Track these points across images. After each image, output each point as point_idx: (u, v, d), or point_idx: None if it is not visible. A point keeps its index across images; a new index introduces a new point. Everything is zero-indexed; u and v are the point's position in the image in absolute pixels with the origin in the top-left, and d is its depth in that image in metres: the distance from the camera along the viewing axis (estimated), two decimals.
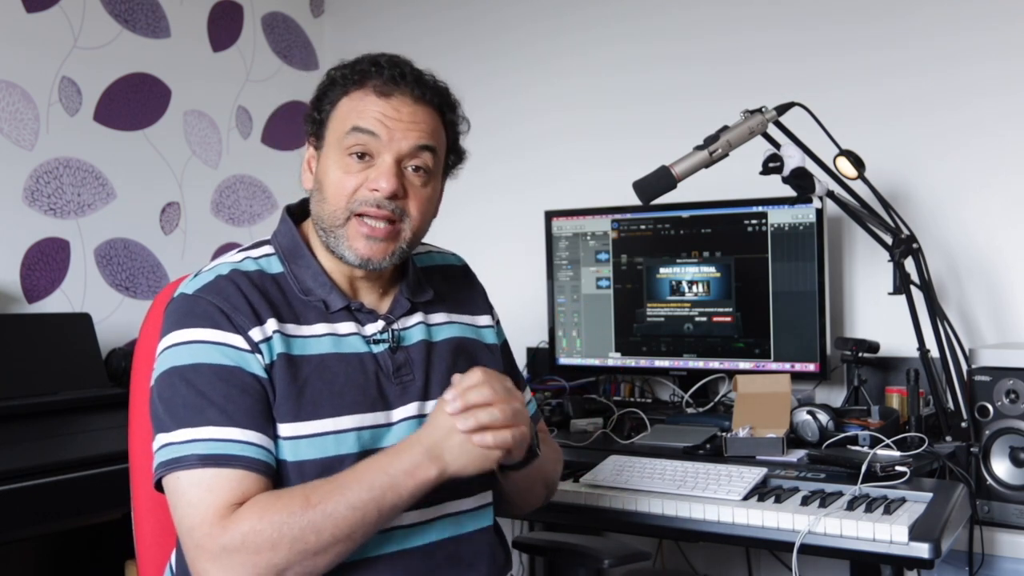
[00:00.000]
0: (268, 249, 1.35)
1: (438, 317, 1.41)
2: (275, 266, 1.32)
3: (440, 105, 1.33)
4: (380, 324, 1.34)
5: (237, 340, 1.22)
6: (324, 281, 1.32)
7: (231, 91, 3.03)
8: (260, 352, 1.22)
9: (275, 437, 1.22)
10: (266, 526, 1.12)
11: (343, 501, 1.14)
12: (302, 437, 1.22)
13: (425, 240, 1.46)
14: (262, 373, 1.22)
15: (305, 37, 3.27)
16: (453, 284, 1.48)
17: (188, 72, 2.89)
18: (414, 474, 1.16)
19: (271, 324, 1.25)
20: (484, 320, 1.49)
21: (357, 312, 1.33)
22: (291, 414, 1.22)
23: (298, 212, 1.39)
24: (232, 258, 1.33)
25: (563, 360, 2.54)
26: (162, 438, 1.20)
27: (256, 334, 1.23)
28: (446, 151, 1.37)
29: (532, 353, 2.70)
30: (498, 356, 1.48)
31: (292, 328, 1.27)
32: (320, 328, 1.29)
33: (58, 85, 2.57)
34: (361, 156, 1.27)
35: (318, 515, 1.13)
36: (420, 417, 1.31)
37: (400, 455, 1.18)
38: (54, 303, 2.54)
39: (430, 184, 1.32)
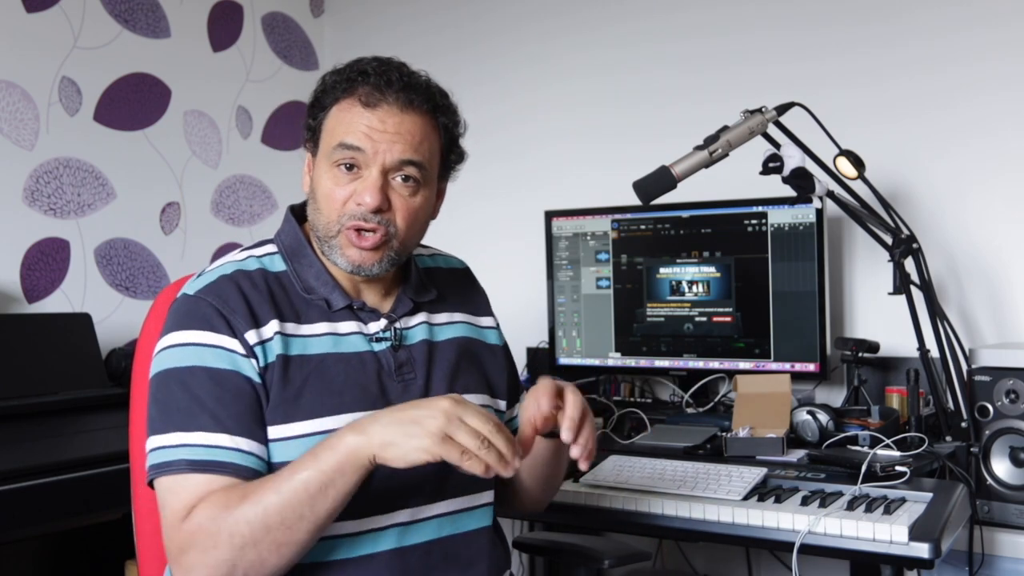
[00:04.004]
0: (271, 248, 1.36)
1: (441, 317, 1.42)
2: (278, 264, 1.33)
3: (432, 109, 1.30)
4: (383, 323, 1.34)
5: (233, 344, 1.22)
6: (327, 280, 1.32)
7: (231, 91, 3.02)
8: (255, 356, 1.23)
9: (267, 441, 1.22)
10: (206, 522, 1.13)
11: (272, 488, 1.12)
12: (299, 437, 1.22)
13: (427, 242, 1.46)
14: (256, 377, 1.23)
15: (305, 37, 3.27)
16: (456, 285, 1.49)
17: (188, 72, 2.88)
18: (335, 447, 1.12)
19: (272, 326, 1.25)
20: (487, 321, 1.50)
21: (360, 311, 1.34)
22: (286, 415, 1.22)
23: (301, 212, 1.40)
24: (236, 256, 1.33)
25: (563, 360, 2.54)
26: (154, 440, 1.20)
27: (252, 337, 1.23)
28: (444, 152, 1.34)
29: (532, 353, 2.70)
30: (500, 358, 1.49)
31: (292, 327, 1.28)
32: (321, 327, 1.30)
33: (58, 85, 2.57)
34: (349, 167, 1.27)
35: (249, 505, 1.12)
36: None
37: (329, 437, 1.15)
38: (54, 303, 2.54)
39: (420, 193, 1.30)
